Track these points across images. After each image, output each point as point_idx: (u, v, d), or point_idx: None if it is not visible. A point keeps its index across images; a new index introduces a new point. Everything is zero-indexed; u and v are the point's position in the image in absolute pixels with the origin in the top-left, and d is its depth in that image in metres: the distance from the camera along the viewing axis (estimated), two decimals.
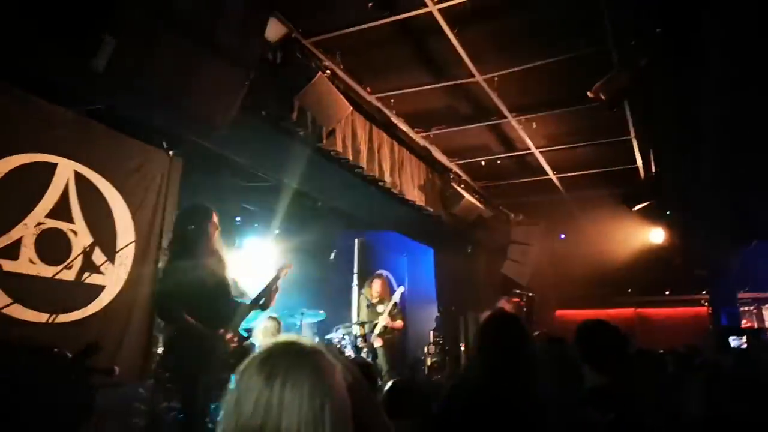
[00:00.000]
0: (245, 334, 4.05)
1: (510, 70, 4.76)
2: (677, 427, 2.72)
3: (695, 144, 4.76)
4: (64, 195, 4.17)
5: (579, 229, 8.92)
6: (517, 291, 7.67)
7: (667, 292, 10.00)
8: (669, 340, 7.71)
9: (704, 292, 9.53)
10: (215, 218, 3.82)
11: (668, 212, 7.19)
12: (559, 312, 9.44)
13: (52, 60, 3.31)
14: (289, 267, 4.17)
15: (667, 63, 4.14)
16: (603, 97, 4.40)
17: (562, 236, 9.29)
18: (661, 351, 6.57)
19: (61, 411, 1.78)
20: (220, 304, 3.65)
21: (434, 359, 7.86)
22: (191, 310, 3.51)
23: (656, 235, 7.85)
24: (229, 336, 3.62)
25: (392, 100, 5.45)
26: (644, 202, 6.67)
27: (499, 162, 7.02)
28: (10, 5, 2.82)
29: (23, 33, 3.04)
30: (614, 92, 4.37)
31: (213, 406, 3.45)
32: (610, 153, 6.61)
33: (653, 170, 6.52)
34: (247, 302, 3.88)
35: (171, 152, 4.98)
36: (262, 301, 3.88)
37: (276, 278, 4.06)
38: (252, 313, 3.91)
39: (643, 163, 6.67)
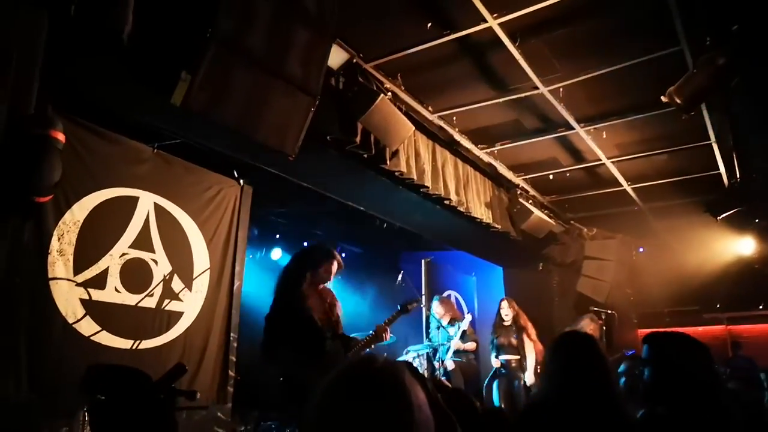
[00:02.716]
0: None
1: (576, 80, 4.62)
2: None
3: None
4: (146, 226, 4.40)
5: (659, 242, 8.43)
6: (595, 309, 7.31)
7: (761, 307, 9.24)
8: (766, 360, 7.09)
9: None
10: (332, 261, 3.97)
11: (757, 220, 6.68)
12: (641, 331, 8.92)
13: (135, 99, 3.52)
14: (417, 303, 4.26)
15: (747, 60, 3.88)
16: (678, 101, 4.16)
17: (641, 250, 8.81)
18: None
19: (152, 429, 1.83)
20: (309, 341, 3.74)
21: None
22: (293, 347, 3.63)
23: (745, 245, 7.29)
24: None
25: (454, 118, 5.41)
26: (730, 210, 6.23)
27: (568, 175, 6.78)
28: (98, 52, 3.03)
29: (111, 76, 3.26)
30: (690, 95, 4.12)
31: None
32: (688, 160, 6.23)
33: (738, 176, 6.10)
34: (360, 336, 3.98)
35: (241, 181, 5.16)
36: (374, 341, 3.95)
37: (401, 313, 4.16)
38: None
39: (726, 169, 6.25)
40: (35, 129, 2.78)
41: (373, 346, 3.98)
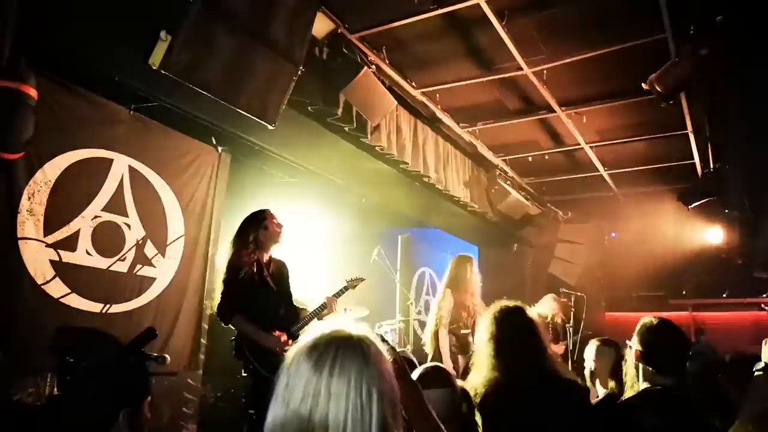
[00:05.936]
0: None
1: (560, 62, 4.63)
2: None
3: (763, 138, 4.50)
4: (119, 189, 4.31)
5: (631, 228, 8.60)
6: (565, 291, 7.46)
7: (725, 295, 9.54)
8: (728, 346, 7.35)
9: (765, 296, 9.06)
10: (272, 221, 3.93)
11: (726, 210, 6.84)
12: (609, 315, 9.14)
13: (112, 58, 3.41)
14: (361, 280, 4.27)
15: (730, 52, 3.92)
16: (659, 89, 4.20)
17: (613, 235, 8.99)
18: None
19: (121, 391, 1.83)
20: (277, 309, 3.82)
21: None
22: (250, 313, 3.69)
23: (713, 235, 7.49)
24: (283, 339, 3.74)
25: (437, 95, 5.39)
26: (702, 200, 6.37)
27: (547, 158, 6.85)
28: (75, 8, 2.93)
29: (86, 34, 3.15)
30: (671, 84, 4.16)
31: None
32: (665, 148, 6.35)
33: (712, 166, 6.23)
34: (309, 311, 4.00)
35: (220, 148, 5.08)
36: (323, 312, 3.96)
37: (345, 290, 4.19)
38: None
39: (700, 159, 6.38)
40: (5, 82, 2.69)
41: (324, 318, 4.01)
